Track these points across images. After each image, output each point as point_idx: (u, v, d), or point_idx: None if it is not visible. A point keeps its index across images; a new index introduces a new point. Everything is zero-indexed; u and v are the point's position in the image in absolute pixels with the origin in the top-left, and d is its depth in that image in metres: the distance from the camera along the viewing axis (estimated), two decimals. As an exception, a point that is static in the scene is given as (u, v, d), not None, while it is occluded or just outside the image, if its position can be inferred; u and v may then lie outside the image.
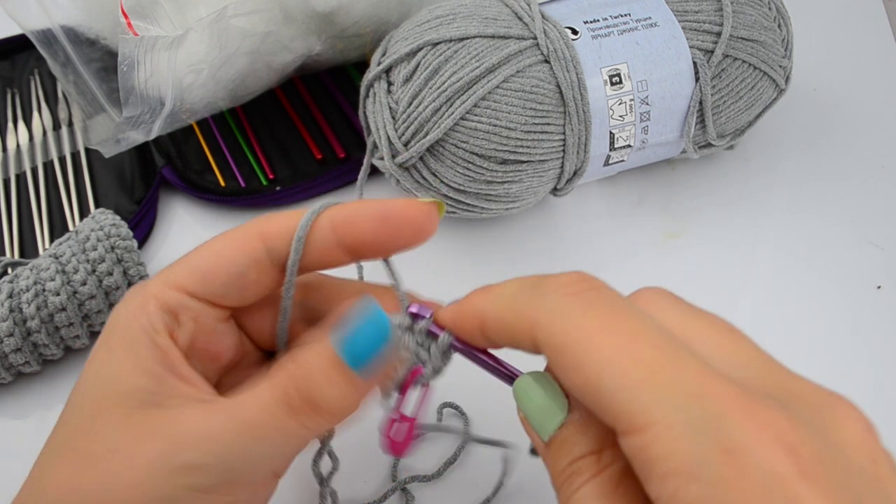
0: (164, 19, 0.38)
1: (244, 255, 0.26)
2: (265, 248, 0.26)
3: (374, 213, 0.25)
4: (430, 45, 0.38)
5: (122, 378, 0.24)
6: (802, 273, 0.43)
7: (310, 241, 0.26)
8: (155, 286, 0.26)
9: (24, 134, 0.49)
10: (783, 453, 0.17)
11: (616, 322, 0.20)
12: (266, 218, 0.26)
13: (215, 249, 0.26)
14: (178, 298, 0.25)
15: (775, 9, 0.42)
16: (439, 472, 0.35)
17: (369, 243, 0.26)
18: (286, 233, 0.26)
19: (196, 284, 0.26)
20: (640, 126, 0.40)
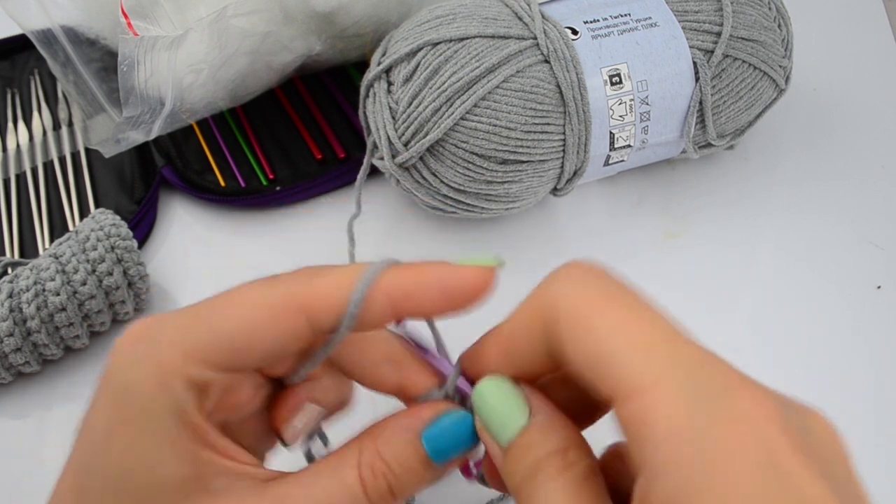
0: (164, 19, 0.38)
1: (284, 332, 0.23)
2: (307, 321, 0.23)
3: (436, 286, 0.23)
4: (430, 45, 0.38)
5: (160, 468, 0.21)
6: (802, 273, 0.43)
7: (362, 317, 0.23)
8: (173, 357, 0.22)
9: (24, 134, 0.49)
10: (778, 431, 0.17)
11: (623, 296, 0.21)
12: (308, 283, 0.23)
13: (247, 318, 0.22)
14: (206, 376, 0.22)
15: (775, 9, 0.42)
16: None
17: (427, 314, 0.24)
18: (333, 306, 0.22)
19: (226, 360, 0.22)
20: (640, 126, 0.40)
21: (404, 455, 0.23)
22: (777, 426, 0.18)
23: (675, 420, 0.18)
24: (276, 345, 0.23)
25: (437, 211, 0.42)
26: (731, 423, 0.17)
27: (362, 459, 0.23)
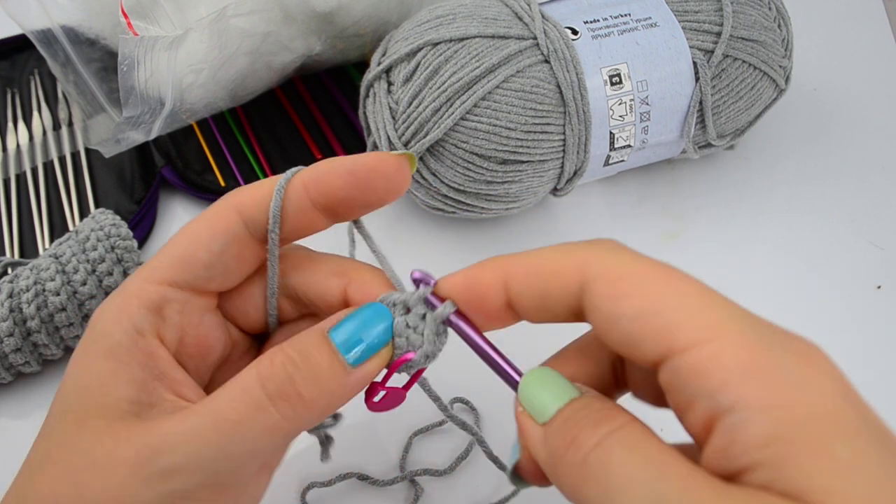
0: (164, 19, 0.38)
1: (222, 232, 0.25)
2: (242, 220, 0.25)
3: (343, 168, 0.25)
4: (430, 45, 0.38)
5: (105, 388, 0.23)
6: (802, 273, 0.43)
7: (286, 206, 0.25)
8: (134, 285, 0.24)
9: (24, 134, 0.49)
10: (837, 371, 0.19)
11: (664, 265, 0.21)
12: (238, 190, 0.26)
13: (191, 232, 0.25)
14: (161, 292, 0.24)
15: (775, 9, 0.42)
16: (451, 467, 0.35)
17: (341, 199, 0.25)
18: (262, 201, 0.25)
19: (177, 273, 0.24)
20: (640, 126, 0.40)
21: (307, 346, 0.23)
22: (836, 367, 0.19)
23: (752, 361, 0.18)
24: (217, 246, 0.24)
25: (437, 211, 0.42)
26: (803, 360, 0.18)
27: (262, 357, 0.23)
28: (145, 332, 0.24)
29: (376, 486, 0.35)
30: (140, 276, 0.25)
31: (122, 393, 0.23)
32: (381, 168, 0.24)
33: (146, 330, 0.24)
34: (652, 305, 0.20)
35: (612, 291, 0.21)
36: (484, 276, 0.23)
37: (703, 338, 0.19)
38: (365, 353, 0.23)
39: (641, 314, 0.20)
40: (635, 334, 0.20)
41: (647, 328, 0.20)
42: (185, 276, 0.25)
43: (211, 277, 0.25)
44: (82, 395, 0.23)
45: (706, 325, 0.19)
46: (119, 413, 0.23)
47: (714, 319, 0.19)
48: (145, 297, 0.24)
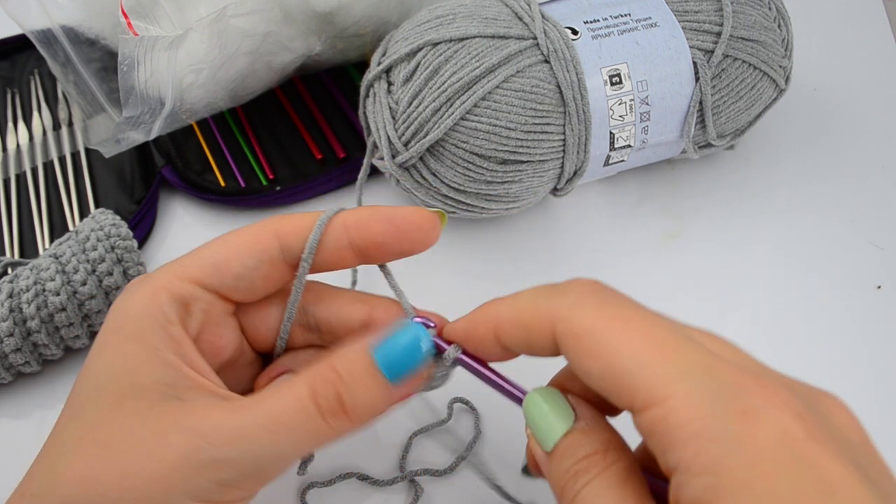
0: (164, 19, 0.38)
1: (259, 250, 0.26)
2: (279, 245, 0.27)
3: (384, 217, 0.27)
4: (430, 45, 0.38)
5: (141, 370, 0.24)
6: (802, 273, 0.43)
7: (323, 241, 0.27)
8: (164, 277, 0.26)
9: (24, 134, 0.49)
10: (791, 417, 0.19)
11: (630, 313, 0.22)
12: (281, 217, 0.27)
13: (229, 242, 0.27)
14: (190, 289, 0.26)
15: (775, 9, 0.42)
16: (451, 467, 0.35)
17: (378, 244, 0.27)
18: (301, 232, 0.27)
19: (208, 276, 0.26)
20: (640, 126, 0.40)
21: (354, 364, 0.25)
22: (790, 414, 0.19)
23: (694, 423, 0.19)
24: (251, 261, 0.26)
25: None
26: (746, 418, 0.19)
27: (314, 372, 0.25)
28: (174, 320, 0.25)
29: (376, 486, 0.35)
30: (169, 270, 0.26)
31: (157, 375, 0.24)
32: (420, 222, 0.27)
33: (174, 319, 0.25)
34: (614, 364, 0.21)
35: (578, 349, 0.22)
36: (478, 327, 0.26)
37: (657, 399, 0.20)
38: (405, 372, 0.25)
39: (604, 374, 0.21)
40: (604, 389, 0.22)
41: (613, 385, 0.21)
42: (214, 280, 0.26)
43: (237, 288, 0.27)
44: (116, 377, 0.24)
45: (659, 386, 0.20)
46: (158, 395, 0.24)
47: (667, 378, 0.20)
48: (175, 290, 0.26)
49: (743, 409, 0.19)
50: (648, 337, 0.21)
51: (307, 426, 0.24)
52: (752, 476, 0.18)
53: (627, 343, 0.21)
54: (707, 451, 0.18)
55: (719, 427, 0.19)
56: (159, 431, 0.23)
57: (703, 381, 0.20)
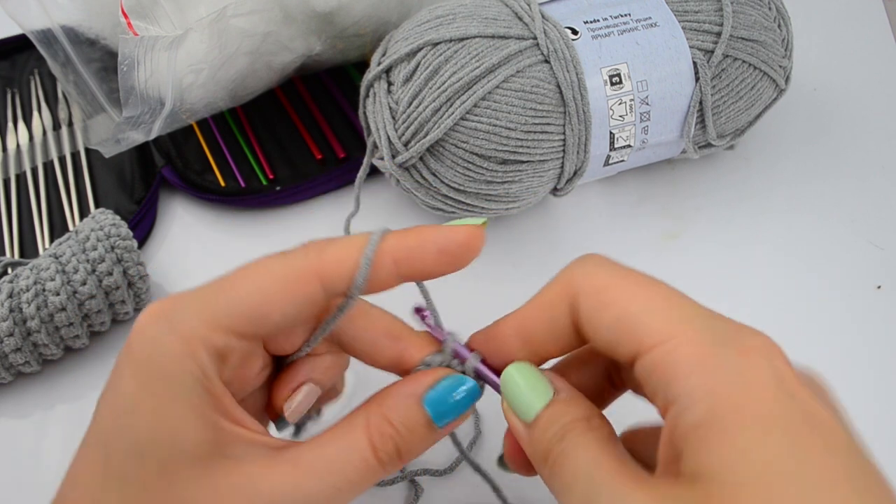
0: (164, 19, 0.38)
1: (300, 296, 0.24)
2: (322, 286, 0.24)
3: (435, 247, 0.25)
4: (430, 45, 0.38)
5: (184, 434, 0.23)
6: (802, 273, 0.43)
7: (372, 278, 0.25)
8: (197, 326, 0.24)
9: (24, 134, 0.49)
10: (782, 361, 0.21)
11: (638, 274, 0.24)
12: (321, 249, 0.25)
13: (267, 284, 0.24)
14: (227, 340, 0.24)
15: (775, 9, 0.42)
16: (451, 467, 0.35)
17: (429, 274, 0.26)
18: (346, 267, 0.24)
19: (245, 325, 0.24)
20: (640, 126, 0.40)
21: (409, 418, 0.25)
22: (781, 359, 0.21)
23: (697, 357, 0.21)
24: (293, 310, 0.24)
25: (437, 211, 0.42)
26: (745, 354, 0.21)
27: (371, 423, 0.25)
28: (212, 375, 0.24)
29: (376, 486, 0.35)
30: (202, 316, 0.24)
31: (202, 436, 0.23)
32: (469, 242, 0.25)
33: (213, 374, 0.24)
34: (626, 311, 0.23)
35: (595, 303, 0.24)
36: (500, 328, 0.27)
37: (663, 338, 0.22)
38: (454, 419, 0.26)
39: (618, 319, 0.23)
40: (615, 337, 0.23)
41: (622, 332, 0.23)
42: (251, 329, 0.24)
43: (275, 337, 0.26)
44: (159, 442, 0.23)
45: (667, 327, 0.22)
46: (205, 458, 0.23)
47: (673, 321, 0.22)
48: (211, 343, 0.24)
49: (741, 348, 0.21)
50: (655, 291, 0.23)
51: (367, 475, 0.24)
52: (749, 402, 0.20)
53: (638, 294, 0.23)
54: (709, 379, 0.20)
55: (721, 361, 0.21)
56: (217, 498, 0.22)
57: (706, 324, 0.22)
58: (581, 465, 0.23)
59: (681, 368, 0.21)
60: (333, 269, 0.24)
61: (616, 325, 0.23)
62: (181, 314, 0.24)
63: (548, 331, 0.25)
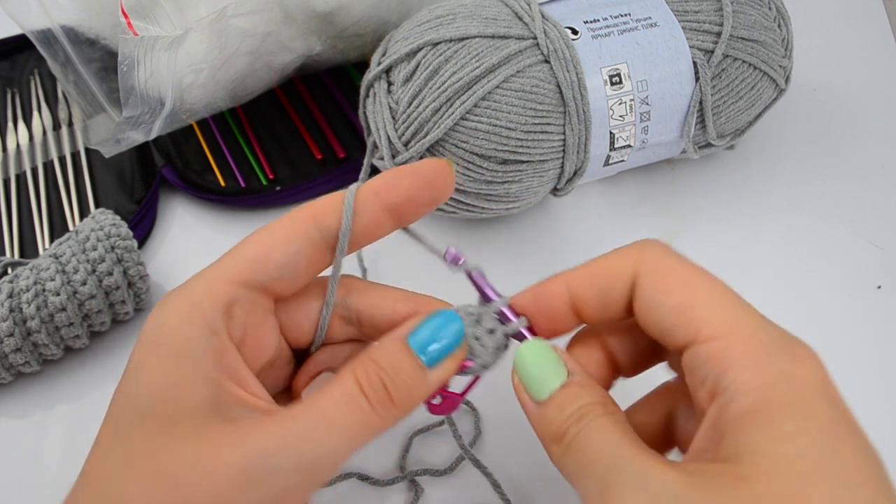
0: (164, 19, 0.38)
1: (298, 235, 0.26)
2: (317, 226, 0.27)
3: (409, 172, 0.27)
4: (430, 45, 0.38)
5: (184, 390, 0.23)
6: (802, 273, 0.43)
7: (358, 210, 0.27)
8: (202, 284, 0.25)
9: (24, 134, 0.49)
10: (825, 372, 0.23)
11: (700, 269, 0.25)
12: (313, 201, 0.27)
13: (267, 235, 0.26)
14: (232, 291, 0.25)
15: (775, 9, 0.42)
16: (451, 467, 0.35)
17: (409, 199, 0.27)
18: (336, 209, 0.27)
19: (250, 271, 0.26)
20: (640, 126, 0.40)
21: (394, 356, 0.26)
22: (824, 370, 0.23)
23: (752, 355, 0.23)
24: (292, 248, 0.26)
25: (437, 211, 0.42)
26: (795, 360, 0.23)
27: (358, 367, 0.25)
28: (219, 331, 0.25)
29: (376, 486, 0.35)
30: (207, 275, 0.26)
31: (201, 394, 0.23)
32: (438, 169, 0.27)
33: (220, 329, 0.25)
34: (687, 300, 0.24)
35: (657, 285, 0.25)
36: (549, 286, 0.28)
37: (721, 332, 0.23)
38: (440, 355, 0.26)
39: (678, 306, 0.24)
40: (671, 322, 0.24)
41: (681, 318, 0.24)
42: (256, 275, 0.26)
43: (280, 278, 0.26)
44: (160, 399, 0.23)
45: (726, 323, 0.23)
46: (204, 415, 0.23)
47: (733, 318, 0.24)
48: (217, 297, 0.25)
49: (793, 354, 0.23)
50: (716, 286, 0.25)
51: (360, 420, 0.24)
52: (795, 400, 0.22)
53: (701, 286, 0.25)
54: (761, 376, 0.22)
55: (773, 361, 0.22)
56: (212, 451, 0.23)
57: (760, 326, 0.24)
58: (603, 445, 0.23)
59: (735, 363, 0.22)
60: (325, 209, 0.27)
61: (676, 311, 0.24)
62: (191, 281, 0.26)
63: (599, 298, 0.26)
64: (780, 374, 0.22)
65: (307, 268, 0.27)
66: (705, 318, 0.24)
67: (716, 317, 0.24)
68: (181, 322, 0.24)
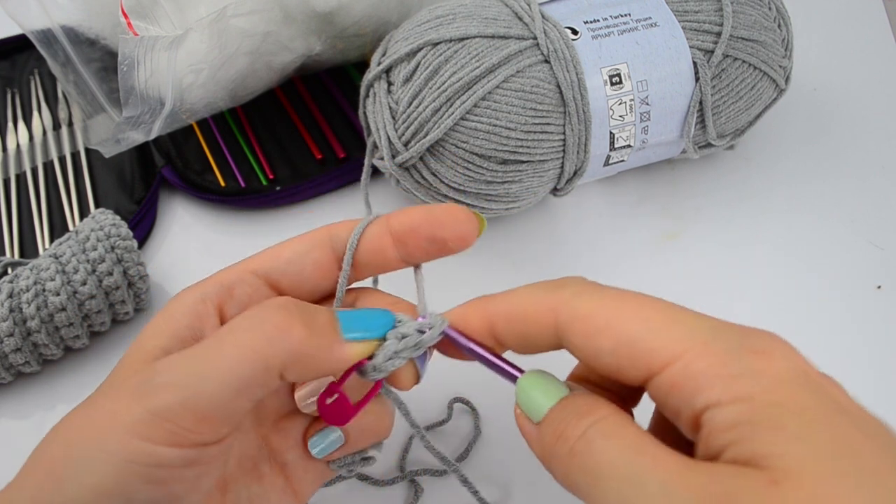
0: (164, 19, 0.38)
1: (309, 239, 0.28)
2: (329, 235, 0.28)
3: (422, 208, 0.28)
4: (430, 45, 0.38)
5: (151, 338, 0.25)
6: (802, 273, 0.43)
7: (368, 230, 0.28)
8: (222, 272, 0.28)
9: (24, 134, 0.49)
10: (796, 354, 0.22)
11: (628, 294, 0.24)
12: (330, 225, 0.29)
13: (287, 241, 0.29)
14: (239, 274, 0.27)
15: (775, 9, 0.42)
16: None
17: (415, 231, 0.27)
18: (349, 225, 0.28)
19: (259, 262, 0.28)
20: (640, 126, 0.40)
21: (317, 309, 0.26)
22: (794, 352, 0.22)
23: (715, 368, 0.21)
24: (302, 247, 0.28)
25: (437, 211, 0.42)
26: (760, 355, 0.21)
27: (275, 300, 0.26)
28: (207, 299, 0.26)
29: (376, 486, 0.35)
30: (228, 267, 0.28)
31: (158, 342, 0.25)
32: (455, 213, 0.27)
33: (209, 298, 0.27)
34: (624, 335, 0.22)
35: (586, 330, 0.23)
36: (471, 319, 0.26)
37: (673, 356, 0.21)
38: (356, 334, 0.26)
39: (617, 346, 0.22)
40: (617, 364, 0.22)
41: (625, 358, 0.22)
42: (265, 265, 0.28)
43: (286, 272, 0.28)
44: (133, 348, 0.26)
45: (673, 345, 0.21)
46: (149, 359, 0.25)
47: (679, 337, 0.22)
48: (220, 276, 0.27)
49: (755, 349, 0.21)
50: (653, 309, 0.23)
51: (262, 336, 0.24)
52: (778, 398, 0.20)
53: (636, 315, 0.22)
54: (733, 385, 0.20)
55: (738, 365, 0.21)
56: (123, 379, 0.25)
57: (713, 334, 0.22)
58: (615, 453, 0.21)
59: (702, 381, 0.21)
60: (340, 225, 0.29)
61: (617, 350, 0.22)
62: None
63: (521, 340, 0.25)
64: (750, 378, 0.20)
65: (313, 270, 0.28)
66: (650, 347, 0.22)
67: (660, 341, 0.22)
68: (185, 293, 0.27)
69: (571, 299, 0.24)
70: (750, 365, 0.21)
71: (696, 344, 0.21)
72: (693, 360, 0.21)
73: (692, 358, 0.21)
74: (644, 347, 0.22)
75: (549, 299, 0.24)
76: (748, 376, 0.20)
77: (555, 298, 0.24)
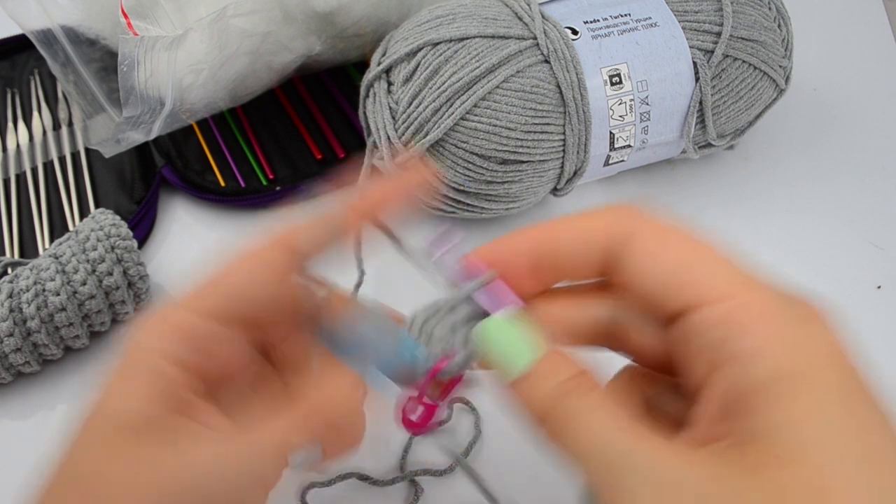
0: (164, 19, 0.38)
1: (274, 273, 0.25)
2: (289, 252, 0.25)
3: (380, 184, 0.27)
4: (430, 45, 0.38)
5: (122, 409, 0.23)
6: (802, 273, 0.43)
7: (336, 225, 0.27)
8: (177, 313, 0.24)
9: (24, 134, 0.49)
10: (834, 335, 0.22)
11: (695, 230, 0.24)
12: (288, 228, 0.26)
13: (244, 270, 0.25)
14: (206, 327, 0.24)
15: (775, 9, 0.42)
16: (451, 467, 0.35)
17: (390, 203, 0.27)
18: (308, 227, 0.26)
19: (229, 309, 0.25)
20: (640, 126, 0.40)
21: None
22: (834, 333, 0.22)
23: (766, 317, 0.21)
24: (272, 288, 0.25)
25: (437, 211, 0.42)
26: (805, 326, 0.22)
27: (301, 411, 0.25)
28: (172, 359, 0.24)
29: (376, 486, 0.35)
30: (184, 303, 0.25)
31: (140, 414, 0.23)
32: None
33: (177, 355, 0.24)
34: (687, 260, 0.22)
35: (650, 246, 0.23)
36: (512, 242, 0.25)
37: (728, 294, 0.21)
38: None
39: (677, 267, 0.22)
40: (668, 284, 0.22)
41: (681, 280, 0.22)
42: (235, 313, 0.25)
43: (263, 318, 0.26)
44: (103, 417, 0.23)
45: (730, 285, 0.22)
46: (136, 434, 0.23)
47: (737, 280, 0.22)
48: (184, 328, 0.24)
49: (801, 318, 0.22)
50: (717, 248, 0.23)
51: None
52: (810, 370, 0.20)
53: (699, 247, 0.23)
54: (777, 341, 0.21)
55: (785, 328, 0.21)
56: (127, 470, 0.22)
57: (769, 289, 0.22)
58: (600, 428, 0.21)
59: (750, 326, 0.21)
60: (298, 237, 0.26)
61: (674, 272, 0.22)
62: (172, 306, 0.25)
63: (570, 261, 0.24)
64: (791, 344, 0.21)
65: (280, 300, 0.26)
66: (709, 278, 0.22)
67: (720, 279, 0.22)
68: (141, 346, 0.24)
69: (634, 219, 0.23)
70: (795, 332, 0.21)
71: (751, 290, 0.22)
72: (746, 303, 0.21)
73: (745, 301, 0.21)
74: (704, 275, 0.22)
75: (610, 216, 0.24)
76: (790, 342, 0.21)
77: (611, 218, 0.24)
